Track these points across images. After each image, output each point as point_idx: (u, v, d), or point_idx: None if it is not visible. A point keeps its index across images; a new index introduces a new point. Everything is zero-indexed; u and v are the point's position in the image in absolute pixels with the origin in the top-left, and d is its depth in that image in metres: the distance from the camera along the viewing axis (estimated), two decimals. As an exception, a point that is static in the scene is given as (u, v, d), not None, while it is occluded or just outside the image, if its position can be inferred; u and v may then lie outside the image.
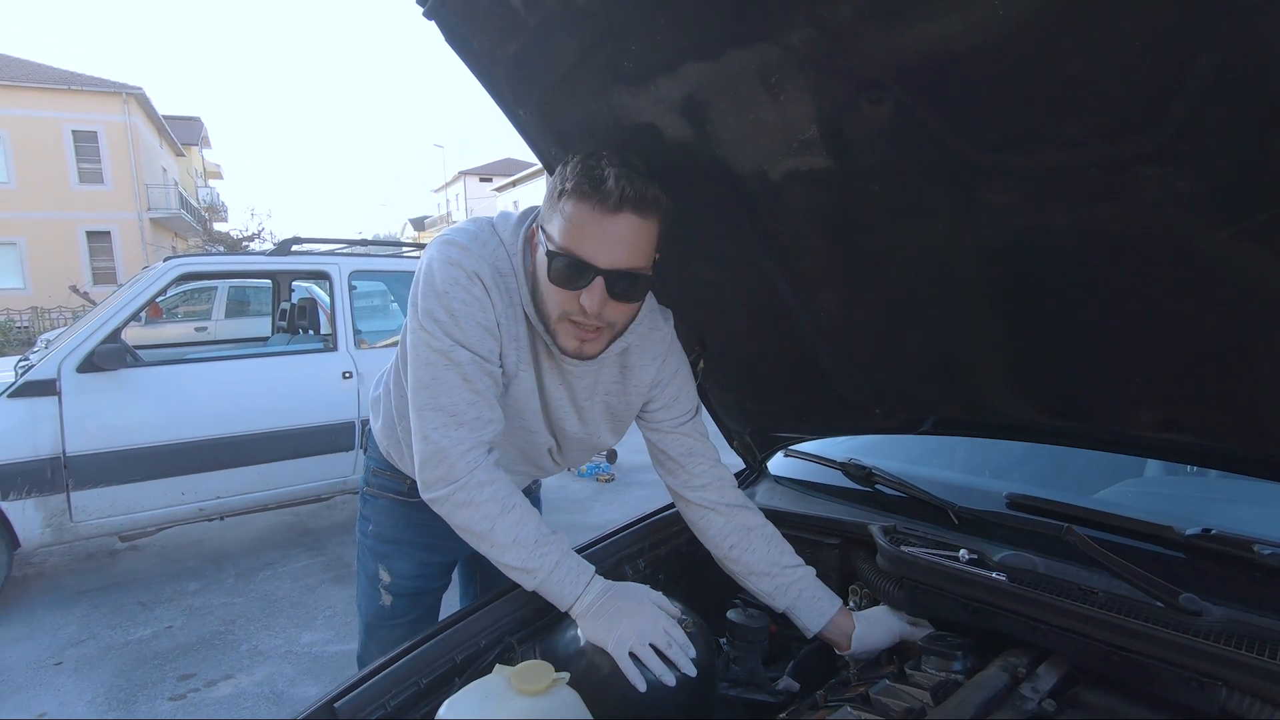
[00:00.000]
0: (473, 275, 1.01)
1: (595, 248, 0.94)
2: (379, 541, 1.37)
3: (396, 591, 1.36)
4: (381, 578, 1.36)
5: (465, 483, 1.01)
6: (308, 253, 4.37)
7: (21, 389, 3.14)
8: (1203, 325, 0.83)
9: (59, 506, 3.20)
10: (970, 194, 0.83)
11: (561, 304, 0.99)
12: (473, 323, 1.01)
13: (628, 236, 0.95)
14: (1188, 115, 0.62)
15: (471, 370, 1.02)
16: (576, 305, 0.97)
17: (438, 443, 1.01)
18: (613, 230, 0.94)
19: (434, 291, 1.01)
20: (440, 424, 1.01)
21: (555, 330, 1.02)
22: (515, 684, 0.88)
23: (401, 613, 1.37)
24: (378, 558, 1.37)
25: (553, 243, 0.97)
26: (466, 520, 1.03)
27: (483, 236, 1.05)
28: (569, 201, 0.95)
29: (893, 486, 1.36)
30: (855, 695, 1.00)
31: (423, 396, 1.02)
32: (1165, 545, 1.02)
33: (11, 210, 19.99)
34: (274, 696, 2.59)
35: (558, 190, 0.97)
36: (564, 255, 0.96)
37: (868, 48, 0.74)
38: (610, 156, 0.95)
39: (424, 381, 1.02)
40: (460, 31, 1.03)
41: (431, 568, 1.39)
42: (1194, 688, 0.80)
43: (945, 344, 1.11)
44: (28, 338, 14.89)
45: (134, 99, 21.89)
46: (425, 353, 1.02)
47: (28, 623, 3.21)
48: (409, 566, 1.36)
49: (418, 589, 1.38)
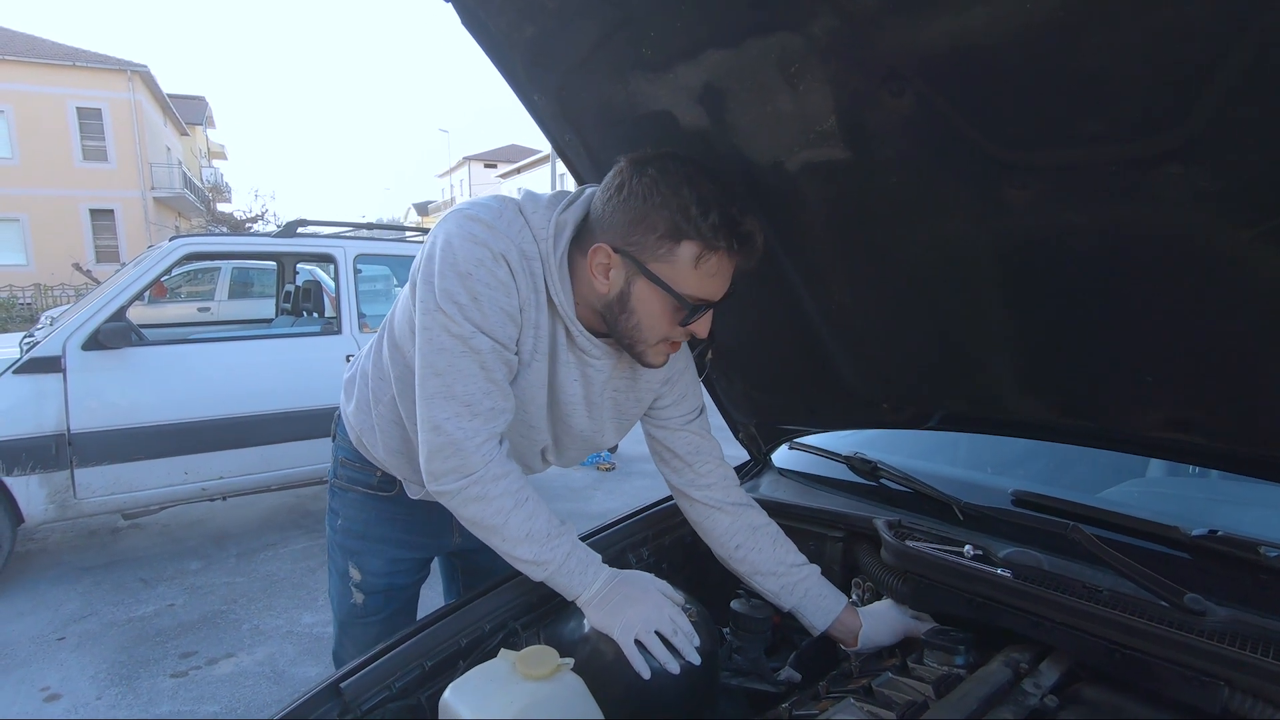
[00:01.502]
0: (499, 257, 0.94)
1: (722, 287, 0.96)
2: (348, 537, 1.31)
3: (368, 589, 1.30)
4: (352, 575, 1.30)
5: (480, 476, 0.98)
6: (313, 235, 4.36)
7: (27, 365, 3.15)
8: (1218, 326, 0.83)
9: (63, 483, 3.21)
10: (989, 189, 0.82)
11: (668, 331, 0.98)
12: (496, 308, 0.95)
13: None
14: (1214, 113, 0.62)
15: (490, 358, 0.97)
16: (684, 332, 0.98)
17: (451, 434, 0.96)
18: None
19: (456, 272, 0.93)
20: (453, 414, 0.96)
21: (647, 351, 1.01)
22: (520, 669, 0.88)
23: (374, 610, 1.32)
24: (347, 554, 1.31)
25: (678, 287, 0.94)
26: (478, 514, 1.00)
27: (507, 215, 0.98)
28: (711, 254, 0.92)
29: (898, 481, 1.36)
30: (857, 687, 1.01)
31: (435, 383, 0.97)
32: (1171, 545, 1.02)
33: (15, 186, 19.94)
34: (275, 676, 2.61)
35: (680, 228, 0.91)
36: (699, 302, 0.95)
37: (890, 38, 0.73)
38: (733, 197, 0.93)
39: (437, 368, 0.96)
40: (477, 14, 1.02)
41: (405, 564, 1.33)
42: (1196, 687, 0.81)
43: (956, 339, 1.10)
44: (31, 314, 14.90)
45: (139, 76, 21.79)
46: (442, 337, 0.95)
47: (31, 598, 3.23)
48: (379, 564, 1.30)
49: (390, 586, 1.32)
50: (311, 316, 5.03)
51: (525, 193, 1.04)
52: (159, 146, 24.22)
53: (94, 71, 21.08)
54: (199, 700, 2.47)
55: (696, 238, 0.91)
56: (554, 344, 1.05)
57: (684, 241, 0.92)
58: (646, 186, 0.92)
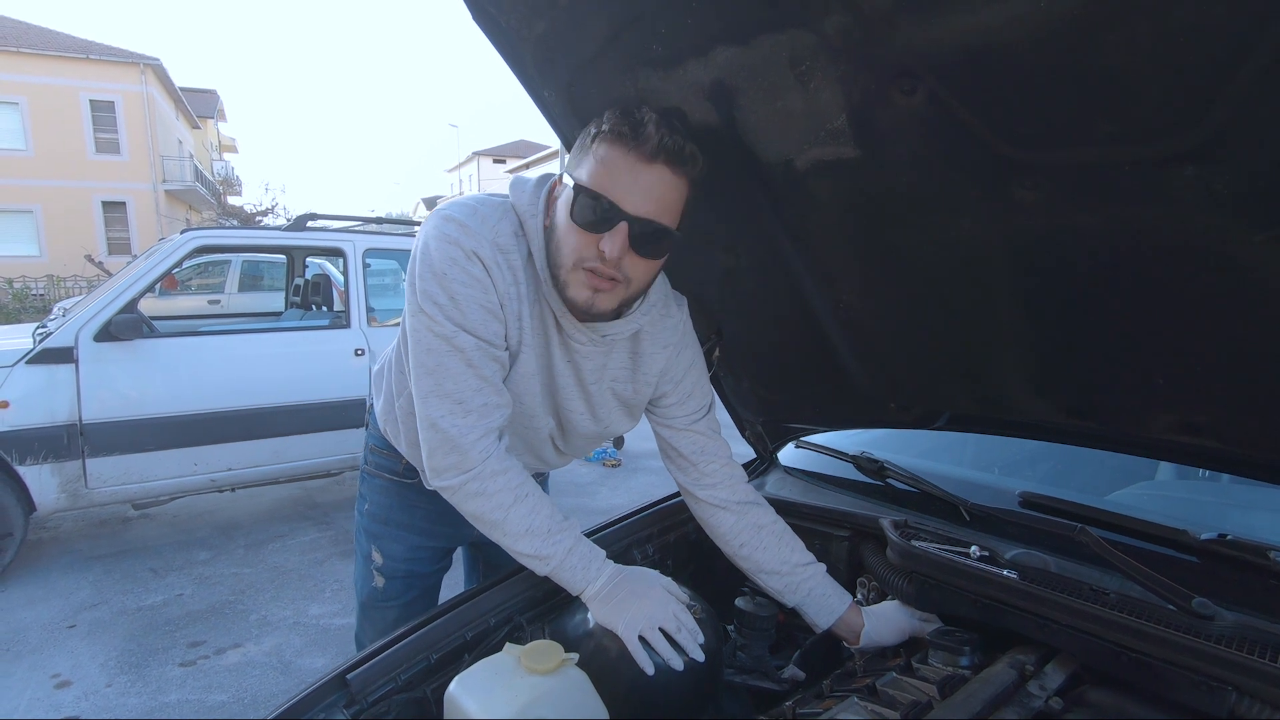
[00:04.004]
0: (471, 254, 0.96)
1: (625, 192, 0.91)
2: (373, 521, 1.35)
3: (389, 574, 1.33)
4: (374, 559, 1.34)
5: (479, 472, 0.99)
6: (323, 229, 4.38)
7: (40, 356, 3.18)
8: (1230, 329, 0.82)
9: (74, 472, 3.25)
10: (1000, 189, 0.82)
11: (579, 248, 0.94)
12: (474, 305, 0.97)
13: (659, 187, 0.92)
14: (1230, 115, 0.61)
15: (476, 355, 0.98)
16: (595, 250, 0.93)
17: (446, 431, 0.98)
18: (645, 178, 0.91)
19: (432, 272, 0.96)
20: (447, 411, 0.98)
21: (568, 281, 0.97)
22: (525, 663, 0.89)
23: (394, 595, 1.34)
24: (371, 538, 1.35)
25: (580, 182, 0.93)
26: (479, 509, 1.01)
27: (482, 211, 1.00)
28: (603, 144, 0.92)
29: (904, 481, 1.36)
30: (861, 686, 1.01)
31: (427, 383, 0.99)
32: (1179, 549, 1.02)
33: (28, 178, 20.10)
34: (282, 666, 2.64)
35: (591, 134, 0.94)
36: (591, 194, 0.91)
37: (903, 37, 0.73)
38: (651, 109, 0.92)
39: (428, 367, 0.98)
40: (488, 10, 1.02)
41: (426, 552, 1.35)
42: (1204, 692, 0.80)
43: (965, 339, 1.10)
44: (44, 305, 15.04)
45: (151, 69, 21.90)
46: (427, 337, 0.97)
47: (42, 585, 3.27)
48: (401, 549, 1.33)
49: (410, 572, 1.35)
50: (320, 310, 5.05)
51: (515, 178, 1.04)
52: (171, 139, 24.36)
53: (107, 64, 21.20)
54: (207, 689, 2.49)
55: (596, 130, 0.93)
56: (545, 333, 1.06)
57: (594, 143, 0.93)
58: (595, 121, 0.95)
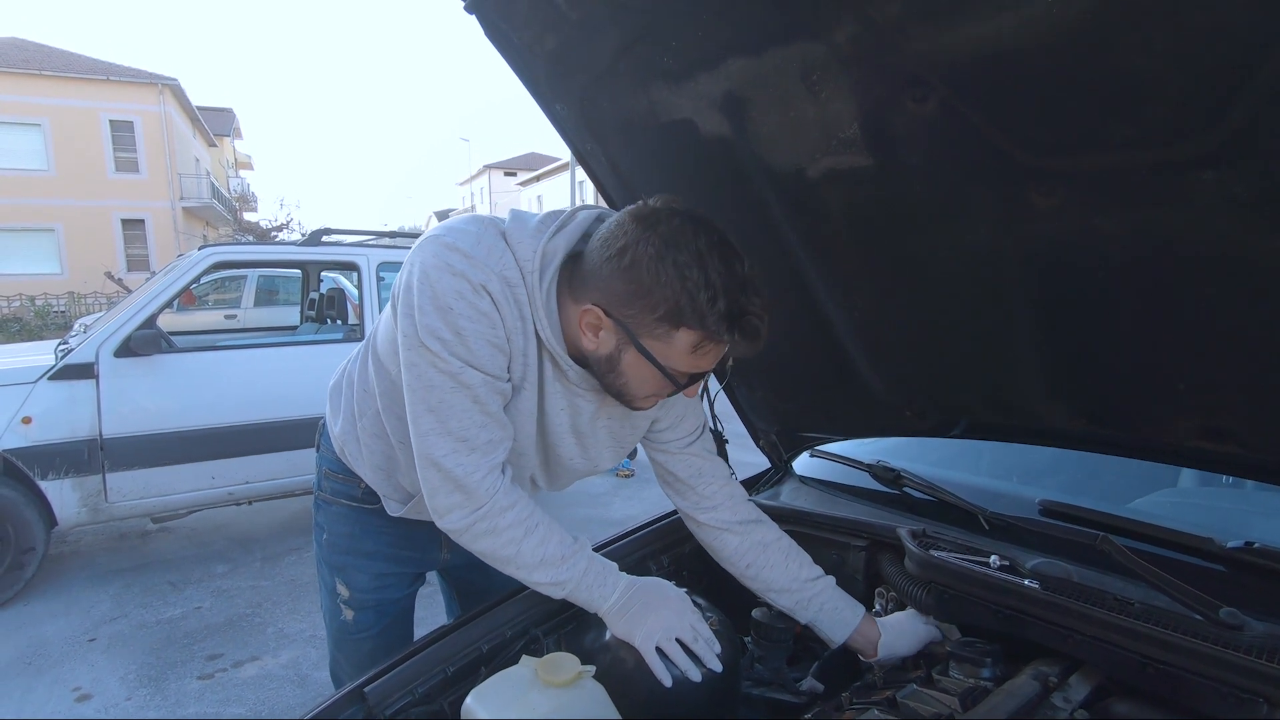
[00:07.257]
0: (479, 288, 0.89)
1: (715, 362, 0.95)
2: (334, 552, 1.25)
3: (357, 606, 1.25)
4: (339, 592, 1.25)
5: (487, 510, 0.95)
6: (337, 244, 4.43)
7: (62, 372, 3.23)
8: (1252, 333, 0.81)
9: (95, 487, 3.28)
10: (1015, 196, 0.82)
11: (658, 392, 0.97)
12: (482, 341, 0.91)
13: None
14: (1249, 118, 0.61)
15: (482, 391, 0.92)
16: (672, 389, 0.96)
17: (450, 470, 0.93)
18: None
19: (436, 306, 0.89)
20: (450, 450, 0.93)
21: (635, 401, 0.99)
22: (541, 675, 0.88)
23: (366, 626, 1.26)
24: (334, 570, 1.25)
25: (669, 364, 0.91)
26: (489, 547, 0.98)
27: (487, 241, 0.92)
28: (710, 344, 0.89)
29: (922, 489, 1.34)
30: (881, 699, 1.00)
31: (428, 421, 0.93)
32: (1205, 558, 1.00)
33: (50, 197, 20.51)
34: (299, 680, 2.64)
35: (681, 314, 0.86)
36: (691, 379, 0.95)
37: (914, 45, 0.73)
38: (743, 281, 0.87)
39: (429, 405, 0.92)
40: (500, 26, 1.03)
41: (392, 579, 1.27)
42: (1233, 703, 0.78)
43: (982, 346, 1.09)
44: (65, 321, 15.29)
45: (169, 90, 22.34)
46: (430, 373, 0.91)
47: (64, 599, 3.31)
48: (366, 579, 1.24)
49: (380, 601, 1.26)
50: (335, 324, 5.10)
51: (513, 213, 0.98)
52: (188, 158, 24.79)
53: (126, 85, 21.66)
54: (225, 702, 2.50)
55: (698, 327, 0.86)
56: (541, 374, 1.01)
57: (683, 328, 0.87)
58: (651, 258, 0.85)
